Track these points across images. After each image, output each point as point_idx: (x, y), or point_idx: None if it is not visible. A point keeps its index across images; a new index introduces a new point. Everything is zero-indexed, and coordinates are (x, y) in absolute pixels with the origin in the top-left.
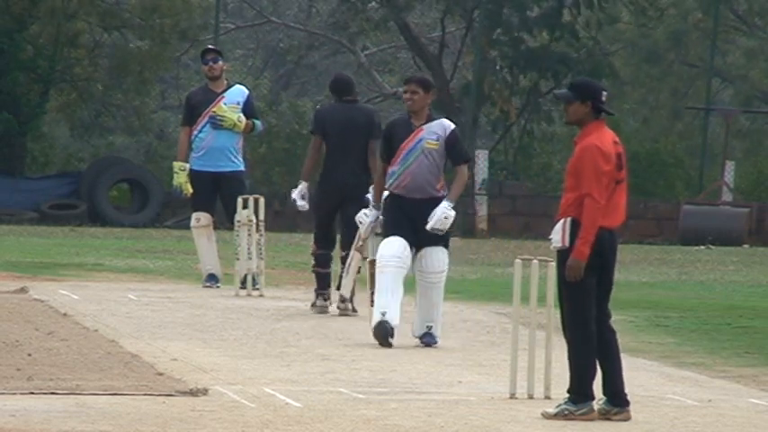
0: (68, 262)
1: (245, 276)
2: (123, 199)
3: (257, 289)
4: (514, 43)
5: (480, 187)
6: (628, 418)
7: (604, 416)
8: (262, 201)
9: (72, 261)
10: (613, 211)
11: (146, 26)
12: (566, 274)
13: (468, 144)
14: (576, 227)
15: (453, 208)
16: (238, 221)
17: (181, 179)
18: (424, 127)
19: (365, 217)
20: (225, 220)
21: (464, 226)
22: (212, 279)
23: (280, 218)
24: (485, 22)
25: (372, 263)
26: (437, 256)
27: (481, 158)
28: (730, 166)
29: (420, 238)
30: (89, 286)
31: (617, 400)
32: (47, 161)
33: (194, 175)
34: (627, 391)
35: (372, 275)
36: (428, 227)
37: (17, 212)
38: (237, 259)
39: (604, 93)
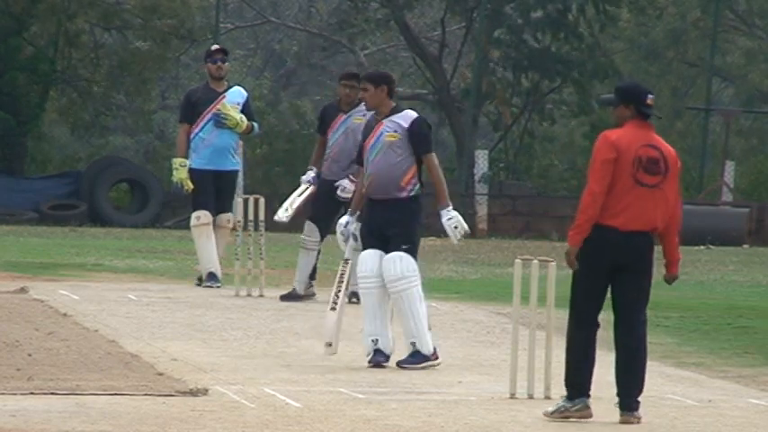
0: (68, 262)
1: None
2: (123, 199)
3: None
4: (515, 43)
5: (480, 180)
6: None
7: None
8: (262, 201)
9: (72, 261)
10: (626, 210)
11: (146, 26)
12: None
13: (468, 144)
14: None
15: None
16: (238, 221)
17: (181, 175)
18: (385, 120)
19: (347, 231)
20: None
21: None
22: (213, 278)
23: None
24: (485, 21)
25: (347, 262)
26: (389, 263)
27: (481, 158)
28: (730, 166)
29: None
30: (89, 286)
31: (632, 402)
32: (46, 161)
33: (195, 174)
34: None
35: (342, 275)
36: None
37: (17, 212)
38: (237, 259)
39: (649, 96)
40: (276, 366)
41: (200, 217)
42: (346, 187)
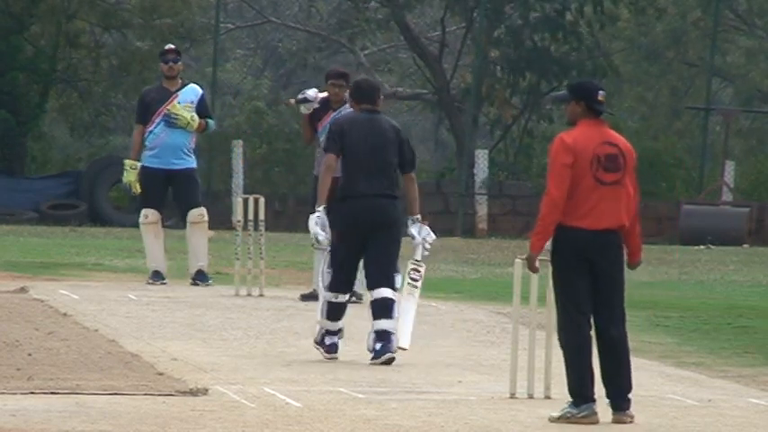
0: (68, 262)
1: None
2: (123, 199)
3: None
4: (515, 44)
5: (481, 186)
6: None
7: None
8: (262, 201)
9: (72, 261)
10: (592, 211)
11: (146, 26)
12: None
13: (468, 144)
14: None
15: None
16: (238, 221)
17: (131, 177)
18: None
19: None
20: (178, 218)
21: (464, 226)
22: (157, 276)
23: (280, 218)
24: (485, 21)
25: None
26: None
27: (481, 158)
28: (730, 166)
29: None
30: (89, 286)
31: (623, 402)
32: (46, 161)
33: (147, 173)
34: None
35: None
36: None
37: (17, 212)
38: (237, 259)
39: (600, 92)
40: (276, 366)
41: (148, 215)
42: None
